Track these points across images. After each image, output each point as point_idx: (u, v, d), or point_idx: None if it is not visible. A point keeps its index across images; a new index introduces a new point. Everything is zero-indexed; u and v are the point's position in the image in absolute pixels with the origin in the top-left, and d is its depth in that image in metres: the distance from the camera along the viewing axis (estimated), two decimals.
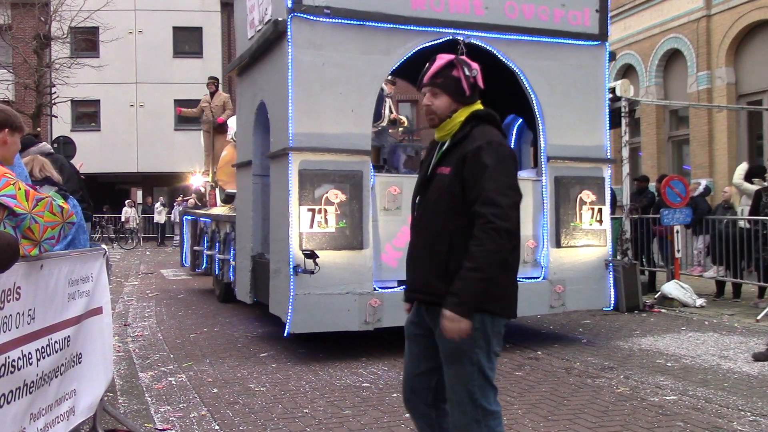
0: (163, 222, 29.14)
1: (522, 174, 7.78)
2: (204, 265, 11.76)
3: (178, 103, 31.70)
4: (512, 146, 9.00)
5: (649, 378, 6.10)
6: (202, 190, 13.79)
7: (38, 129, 7.65)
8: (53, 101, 24.44)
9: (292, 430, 4.74)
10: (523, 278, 7.06)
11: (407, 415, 5.01)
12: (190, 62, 32.27)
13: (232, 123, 12.28)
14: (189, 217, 13.36)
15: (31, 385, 3.35)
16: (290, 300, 6.53)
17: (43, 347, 3.48)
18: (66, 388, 3.82)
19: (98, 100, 30.66)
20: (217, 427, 4.82)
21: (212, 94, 13.38)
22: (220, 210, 11.45)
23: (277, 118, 7.20)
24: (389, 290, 6.85)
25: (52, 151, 6.52)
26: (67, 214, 3.38)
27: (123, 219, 28.93)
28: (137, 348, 7.55)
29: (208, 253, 11.30)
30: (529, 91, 7.64)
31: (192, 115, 14.47)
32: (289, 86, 6.67)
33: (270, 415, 5.08)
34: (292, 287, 6.52)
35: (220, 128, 12.96)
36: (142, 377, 6.24)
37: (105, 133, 31.47)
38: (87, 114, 32.11)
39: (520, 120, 9.36)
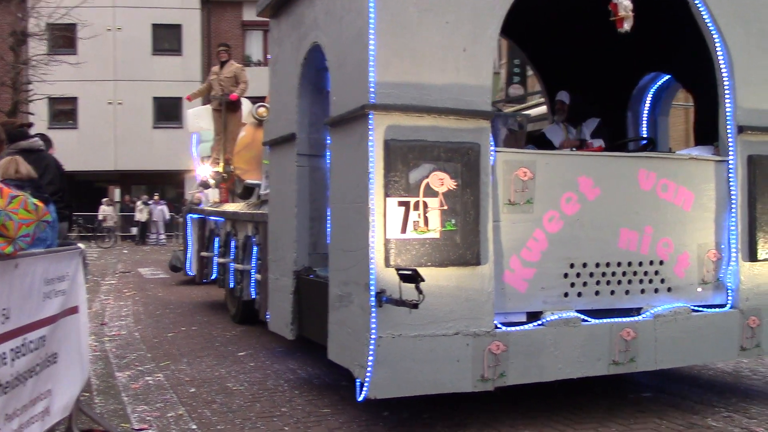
0: (144, 220, 29.18)
1: (694, 152, 5.65)
2: (214, 275, 9.55)
3: (157, 101, 31.71)
4: (645, 117, 7.14)
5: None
6: (211, 181, 11.31)
7: (31, 123, 7.28)
8: (30, 98, 24.19)
9: (270, 429, 4.74)
10: (700, 307, 5.12)
11: (386, 413, 5.05)
12: (169, 60, 32.14)
13: (247, 102, 11.00)
14: (195, 216, 10.79)
15: (6, 385, 3.32)
16: (370, 346, 4.27)
17: (17, 347, 3.44)
18: (41, 389, 3.79)
19: (76, 98, 30.44)
20: (194, 426, 4.80)
21: (222, 65, 11.04)
22: (237, 206, 9.12)
23: (345, 63, 4.84)
24: (517, 328, 4.63)
25: (43, 147, 6.36)
26: (42, 212, 3.37)
27: (100, 217, 28.78)
28: (114, 347, 7.50)
29: (220, 261, 9.13)
30: (711, 28, 5.25)
31: (202, 95, 11.92)
32: (370, 9, 4.37)
33: (248, 414, 5.07)
34: (373, 326, 4.27)
35: (233, 106, 10.85)
36: (119, 377, 6.19)
37: (83, 130, 31.25)
38: (64, 111, 31.86)
39: (663, 79, 6.86)
